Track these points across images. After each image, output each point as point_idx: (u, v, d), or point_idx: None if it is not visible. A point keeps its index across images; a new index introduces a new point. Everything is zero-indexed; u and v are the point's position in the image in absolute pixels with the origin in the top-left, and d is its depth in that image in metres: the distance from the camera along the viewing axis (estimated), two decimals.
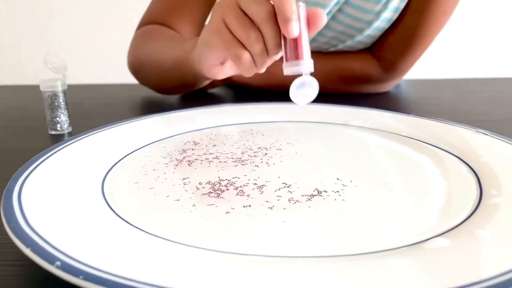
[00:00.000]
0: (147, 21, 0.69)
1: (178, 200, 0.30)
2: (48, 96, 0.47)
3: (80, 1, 1.59)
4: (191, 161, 0.37)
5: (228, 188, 0.32)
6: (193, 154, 0.39)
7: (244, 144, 0.42)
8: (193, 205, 0.29)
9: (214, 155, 0.38)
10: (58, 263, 0.20)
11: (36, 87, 0.50)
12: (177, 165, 0.36)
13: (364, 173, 0.35)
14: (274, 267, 0.22)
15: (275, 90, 0.67)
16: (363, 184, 0.32)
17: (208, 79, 0.51)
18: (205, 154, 0.39)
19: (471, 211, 0.28)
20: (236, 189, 0.32)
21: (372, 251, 0.23)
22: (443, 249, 0.23)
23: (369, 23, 0.61)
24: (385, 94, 0.68)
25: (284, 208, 0.29)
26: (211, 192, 0.31)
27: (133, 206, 0.29)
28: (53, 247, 0.21)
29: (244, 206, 0.29)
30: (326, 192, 0.31)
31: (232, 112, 0.51)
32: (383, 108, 0.50)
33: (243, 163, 0.37)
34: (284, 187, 0.32)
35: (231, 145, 0.41)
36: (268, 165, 0.36)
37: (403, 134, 0.44)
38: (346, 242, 0.25)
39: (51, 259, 0.20)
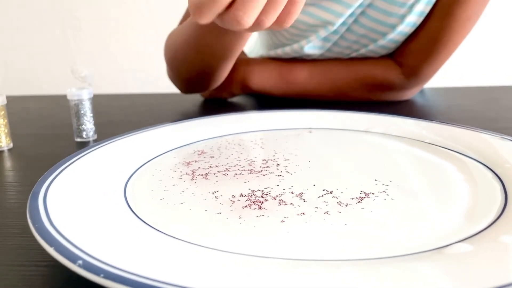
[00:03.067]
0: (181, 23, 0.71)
1: (219, 213, 0.28)
2: (75, 104, 0.49)
3: (106, 14, 1.64)
4: (203, 174, 0.35)
5: (266, 199, 0.30)
6: (199, 167, 0.37)
7: (252, 154, 0.41)
8: (240, 217, 0.28)
9: (223, 167, 0.37)
10: (80, 262, 0.21)
11: (63, 97, 0.52)
12: (192, 179, 0.35)
13: (388, 178, 0.34)
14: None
15: (295, 99, 0.67)
16: (388, 189, 0.32)
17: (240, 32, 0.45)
18: (211, 167, 0.37)
19: (496, 217, 0.27)
20: (275, 199, 0.30)
21: (395, 255, 0.23)
22: (465, 254, 0.23)
23: (393, 27, 0.60)
24: (409, 101, 0.67)
25: (340, 212, 0.28)
26: (251, 204, 0.29)
27: (162, 217, 0.28)
28: (76, 247, 0.22)
29: (298, 214, 0.28)
30: (373, 193, 0.31)
31: (250, 119, 0.51)
32: (406, 116, 0.50)
33: (262, 173, 0.35)
34: (326, 193, 0.31)
35: (227, 157, 0.40)
36: (291, 174, 0.35)
37: (426, 141, 0.43)
38: (365, 246, 0.24)
39: (73, 258, 0.21)
